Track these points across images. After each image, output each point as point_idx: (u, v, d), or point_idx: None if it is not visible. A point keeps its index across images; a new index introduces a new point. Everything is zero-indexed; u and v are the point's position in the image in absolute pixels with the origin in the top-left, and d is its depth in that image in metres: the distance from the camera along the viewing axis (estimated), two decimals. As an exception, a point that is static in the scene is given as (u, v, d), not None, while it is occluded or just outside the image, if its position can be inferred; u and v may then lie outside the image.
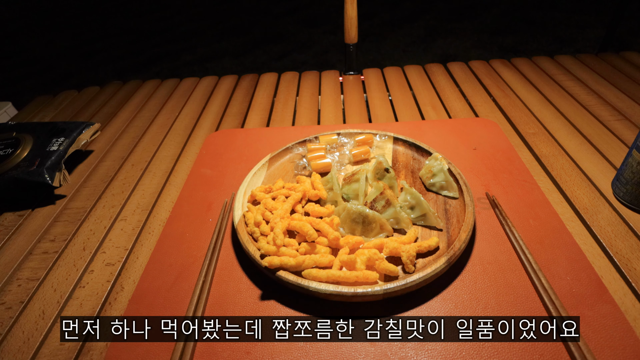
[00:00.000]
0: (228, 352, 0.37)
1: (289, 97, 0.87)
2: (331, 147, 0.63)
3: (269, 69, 1.10)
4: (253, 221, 0.47)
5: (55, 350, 0.40)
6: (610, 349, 0.35)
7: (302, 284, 0.40)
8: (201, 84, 0.96)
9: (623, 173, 0.49)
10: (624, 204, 0.50)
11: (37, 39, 3.39)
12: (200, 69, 2.63)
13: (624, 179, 0.48)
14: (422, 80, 0.89)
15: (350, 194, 0.53)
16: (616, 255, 0.45)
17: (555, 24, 2.68)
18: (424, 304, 0.40)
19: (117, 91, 0.96)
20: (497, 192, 0.54)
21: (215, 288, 0.43)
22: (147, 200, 0.59)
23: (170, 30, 3.32)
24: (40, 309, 0.44)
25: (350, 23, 0.94)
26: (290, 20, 3.26)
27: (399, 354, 0.36)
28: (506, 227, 0.48)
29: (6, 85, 2.59)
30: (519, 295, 0.40)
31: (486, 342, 0.36)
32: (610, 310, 0.38)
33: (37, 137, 0.67)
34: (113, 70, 2.72)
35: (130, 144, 0.74)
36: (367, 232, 0.47)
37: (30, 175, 0.59)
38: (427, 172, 0.54)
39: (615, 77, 0.83)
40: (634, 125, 0.67)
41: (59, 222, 0.56)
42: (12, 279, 0.48)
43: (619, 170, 0.49)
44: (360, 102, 0.83)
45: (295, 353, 0.37)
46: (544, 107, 0.75)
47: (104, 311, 0.43)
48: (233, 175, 0.61)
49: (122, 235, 0.53)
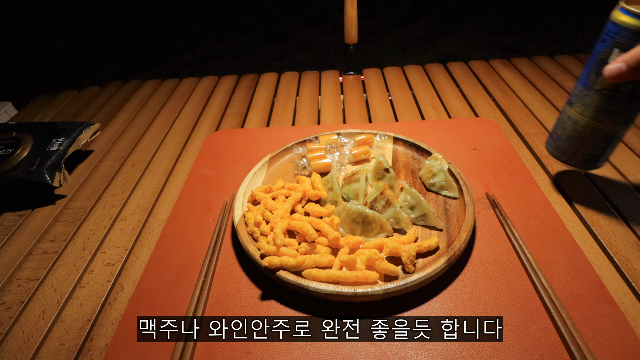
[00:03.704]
0: (228, 352, 0.37)
1: (289, 97, 0.87)
2: (331, 147, 0.63)
3: (269, 69, 1.10)
4: (253, 221, 0.47)
5: (55, 350, 0.40)
6: (610, 349, 0.35)
7: (302, 284, 0.40)
8: (201, 84, 0.96)
9: (555, 130, 0.51)
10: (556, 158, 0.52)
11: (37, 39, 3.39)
12: (200, 69, 2.63)
13: (555, 135, 0.51)
14: (422, 80, 0.89)
15: (350, 194, 0.53)
16: (616, 255, 0.45)
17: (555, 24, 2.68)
18: (424, 304, 0.40)
19: (117, 91, 0.96)
20: (497, 192, 0.54)
21: (215, 288, 0.43)
22: (147, 200, 0.59)
23: (170, 30, 3.32)
24: (40, 309, 0.44)
25: (350, 23, 0.94)
26: (290, 20, 3.26)
27: (399, 353, 0.36)
28: (506, 227, 0.48)
29: (6, 85, 2.59)
30: (519, 295, 0.40)
31: (486, 342, 0.36)
32: (610, 310, 0.38)
33: (37, 137, 0.67)
34: (113, 70, 2.72)
35: (130, 144, 0.74)
36: (367, 232, 0.47)
37: (30, 175, 0.59)
38: (427, 172, 0.54)
39: (615, 77, 0.83)
40: (634, 125, 0.67)
41: (59, 222, 0.56)
42: (12, 279, 0.48)
43: (552, 128, 0.52)
44: (360, 102, 0.83)
45: (295, 353, 0.37)
46: (544, 107, 0.75)
47: (104, 311, 0.43)
48: (233, 175, 0.61)
49: (122, 235, 0.53)
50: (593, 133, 0.46)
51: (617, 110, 0.43)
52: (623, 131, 0.46)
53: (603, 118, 0.45)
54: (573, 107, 0.47)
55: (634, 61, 0.36)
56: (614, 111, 0.44)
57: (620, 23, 0.40)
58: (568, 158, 0.50)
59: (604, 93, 0.43)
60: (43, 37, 3.41)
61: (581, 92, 0.46)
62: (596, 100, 0.44)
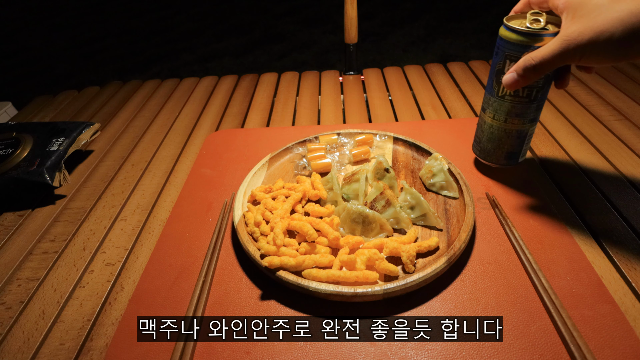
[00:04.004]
0: (228, 352, 0.37)
1: (289, 97, 0.87)
2: (331, 147, 0.63)
3: (269, 69, 1.10)
4: (253, 221, 0.47)
5: (55, 350, 0.40)
6: (610, 349, 0.35)
7: (302, 284, 0.40)
8: (201, 84, 0.96)
9: (477, 134, 0.57)
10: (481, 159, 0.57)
11: (37, 39, 3.39)
12: (200, 69, 2.63)
13: (477, 139, 0.56)
14: (422, 80, 0.89)
15: (350, 194, 0.53)
16: (616, 255, 0.45)
17: (555, 24, 2.67)
18: (424, 304, 0.40)
19: (117, 91, 0.96)
20: (497, 192, 0.54)
21: (215, 288, 0.43)
22: (147, 200, 0.59)
23: (170, 30, 3.32)
24: (40, 309, 0.44)
25: (350, 23, 0.94)
26: (290, 20, 3.26)
27: (399, 353, 0.36)
28: (506, 227, 0.48)
29: (6, 85, 2.59)
30: (519, 295, 0.40)
31: (486, 342, 0.36)
32: (610, 310, 0.38)
33: (37, 137, 0.67)
34: (113, 70, 2.72)
35: (130, 144, 0.74)
36: (367, 232, 0.47)
37: (30, 175, 0.59)
38: (427, 172, 0.54)
39: (615, 77, 0.83)
40: (634, 125, 0.67)
41: (59, 222, 0.56)
42: (12, 279, 0.48)
43: (475, 132, 0.57)
44: (360, 102, 0.83)
45: (295, 353, 0.37)
46: (544, 107, 0.75)
47: (104, 311, 0.43)
48: (233, 175, 0.61)
49: (122, 235, 0.53)
50: (506, 134, 0.51)
51: (521, 112, 0.49)
52: (532, 129, 0.52)
53: (511, 120, 0.50)
54: (486, 113, 0.52)
55: (522, 69, 0.42)
56: (518, 113, 0.49)
57: (506, 38, 0.45)
58: (491, 158, 0.55)
59: (507, 99, 0.48)
60: (43, 37, 3.41)
61: (489, 100, 0.51)
62: (502, 105, 0.49)
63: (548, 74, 0.45)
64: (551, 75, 0.46)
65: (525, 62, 0.41)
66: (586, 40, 0.36)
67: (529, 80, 0.42)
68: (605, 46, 0.35)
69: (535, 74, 0.41)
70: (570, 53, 0.37)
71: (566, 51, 0.38)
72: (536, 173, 0.58)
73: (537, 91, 0.47)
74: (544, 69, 0.40)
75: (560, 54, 0.38)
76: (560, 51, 0.38)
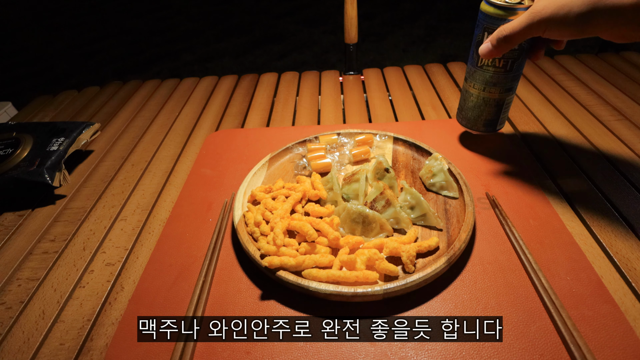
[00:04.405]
0: (228, 352, 0.37)
1: (289, 97, 0.87)
2: (331, 147, 0.63)
3: (269, 69, 1.10)
4: (253, 221, 0.47)
5: (55, 350, 0.40)
6: (610, 349, 0.35)
7: (302, 284, 0.40)
8: (201, 84, 0.96)
9: (460, 103, 0.61)
10: (464, 127, 0.62)
11: (37, 39, 3.39)
12: (200, 69, 2.63)
13: (460, 107, 0.61)
14: (422, 80, 0.89)
15: (350, 194, 0.53)
16: (616, 255, 0.45)
17: (555, 24, 2.67)
18: (424, 304, 0.40)
19: (117, 91, 0.96)
20: (497, 192, 0.54)
21: (215, 288, 0.43)
22: (147, 200, 0.59)
23: (170, 30, 3.32)
24: (40, 309, 0.44)
25: (350, 23, 0.94)
26: (290, 20, 3.26)
27: (399, 353, 0.36)
28: (506, 227, 0.48)
29: (6, 85, 2.59)
30: (519, 295, 0.40)
31: (486, 342, 0.36)
32: (610, 310, 0.38)
33: (37, 137, 0.67)
34: (113, 70, 2.72)
35: (130, 144, 0.74)
36: (367, 232, 0.47)
37: (30, 175, 0.59)
38: (427, 172, 0.54)
39: (615, 77, 0.83)
40: (634, 125, 0.67)
41: (59, 222, 0.56)
42: (12, 279, 0.48)
43: (459, 101, 0.61)
44: (360, 102, 0.83)
45: (295, 353, 0.37)
46: (544, 107, 0.75)
47: (104, 311, 0.43)
48: (233, 175, 0.61)
49: (122, 235, 0.53)
50: (485, 102, 0.56)
51: (498, 81, 0.53)
52: (509, 98, 0.56)
53: (489, 89, 0.55)
54: (468, 82, 0.57)
55: (495, 40, 0.46)
56: (496, 82, 0.54)
57: (485, 11, 0.48)
58: (472, 125, 0.60)
59: (485, 69, 0.53)
60: (43, 37, 3.41)
61: (470, 70, 0.56)
62: (481, 75, 0.54)
63: (522, 47, 0.49)
64: (525, 48, 0.50)
65: (497, 33, 0.45)
66: (549, 14, 0.39)
67: (502, 50, 0.46)
68: (564, 19, 0.38)
69: (506, 45, 0.45)
70: (535, 25, 0.41)
71: (532, 23, 0.41)
72: (537, 173, 0.58)
73: (513, 62, 0.51)
74: (513, 40, 0.44)
75: (527, 26, 0.42)
76: (528, 23, 0.41)
